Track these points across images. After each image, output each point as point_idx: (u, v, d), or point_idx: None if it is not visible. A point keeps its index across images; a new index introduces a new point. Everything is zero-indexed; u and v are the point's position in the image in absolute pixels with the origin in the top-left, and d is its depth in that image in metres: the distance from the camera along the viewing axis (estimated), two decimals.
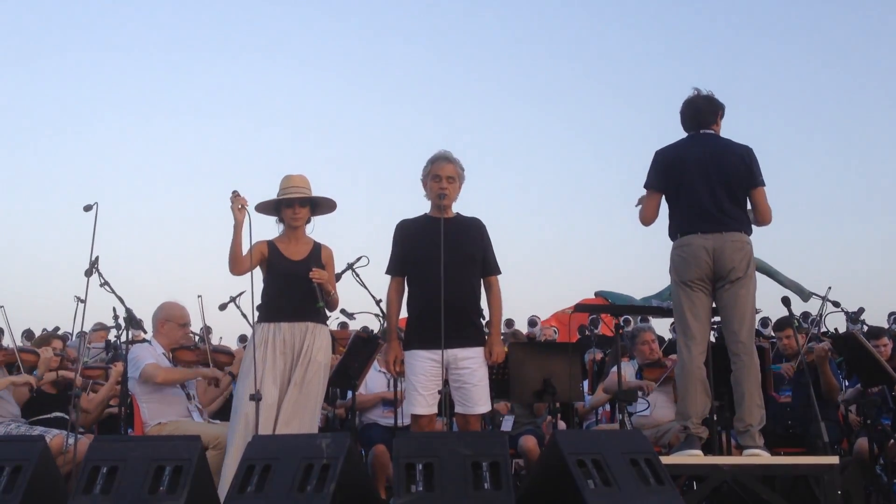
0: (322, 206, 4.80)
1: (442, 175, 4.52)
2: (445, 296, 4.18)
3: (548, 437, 5.82)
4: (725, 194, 4.37)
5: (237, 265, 4.52)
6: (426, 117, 22.60)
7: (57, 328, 8.59)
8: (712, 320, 4.52)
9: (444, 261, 4.23)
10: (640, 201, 4.61)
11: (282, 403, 4.41)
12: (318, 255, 4.72)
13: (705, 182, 4.37)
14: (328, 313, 4.79)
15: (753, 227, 4.49)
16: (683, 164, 4.44)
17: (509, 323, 11.04)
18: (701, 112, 4.55)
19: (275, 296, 4.60)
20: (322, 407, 5.39)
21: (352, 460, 3.39)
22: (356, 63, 22.37)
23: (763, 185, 4.45)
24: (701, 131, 4.54)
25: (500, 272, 4.63)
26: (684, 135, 4.62)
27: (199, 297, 5.87)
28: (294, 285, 4.54)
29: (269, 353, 4.46)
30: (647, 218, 4.55)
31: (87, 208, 4.51)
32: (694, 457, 4.19)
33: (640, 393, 5.68)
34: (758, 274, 4.60)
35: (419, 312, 4.47)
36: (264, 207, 4.72)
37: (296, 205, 4.67)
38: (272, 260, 4.64)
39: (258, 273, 4.69)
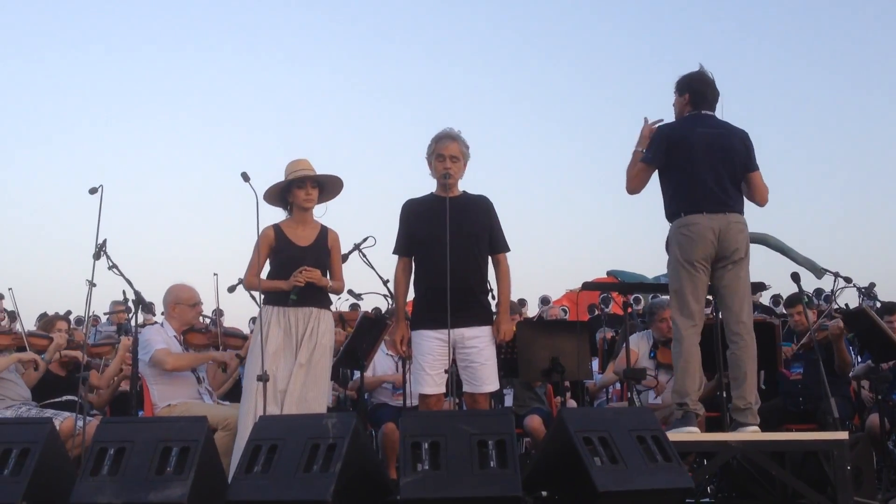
0: (328, 190, 4.78)
1: (445, 154, 4.47)
2: (451, 275, 4.15)
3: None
4: (727, 175, 4.41)
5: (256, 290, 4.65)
6: (433, 95, 22.55)
7: (69, 311, 8.65)
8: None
9: (449, 240, 4.21)
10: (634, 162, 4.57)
11: (289, 384, 4.42)
12: (324, 239, 4.72)
13: (709, 163, 4.39)
14: (333, 297, 4.81)
15: (755, 207, 4.53)
16: (688, 143, 4.43)
17: (521, 303, 11.02)
18: (714, 93, 4.56)
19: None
20: (332, 388, 5.35)
21: (358, 440, 3.39)
22: (361, 41, 22.30)
23: (759, 168, 4.53)
24: (703, 112, 4.53)
25: (508, 249, 4.58)
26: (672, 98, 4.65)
27: (214, 275, 5.88)
28: None
29: (276, 334, 4.48)
30: (636, 189, 4.56)
31: (93, 191, 4.49)
32: (693, 434, 4.21)
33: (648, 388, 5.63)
34: (770, 251, 4.61)
35: (425, 292, 4.46)
36: (272, 193, 4.70)
37: (308, 184, 4.65)
38: (279, 245, 4.63)
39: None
